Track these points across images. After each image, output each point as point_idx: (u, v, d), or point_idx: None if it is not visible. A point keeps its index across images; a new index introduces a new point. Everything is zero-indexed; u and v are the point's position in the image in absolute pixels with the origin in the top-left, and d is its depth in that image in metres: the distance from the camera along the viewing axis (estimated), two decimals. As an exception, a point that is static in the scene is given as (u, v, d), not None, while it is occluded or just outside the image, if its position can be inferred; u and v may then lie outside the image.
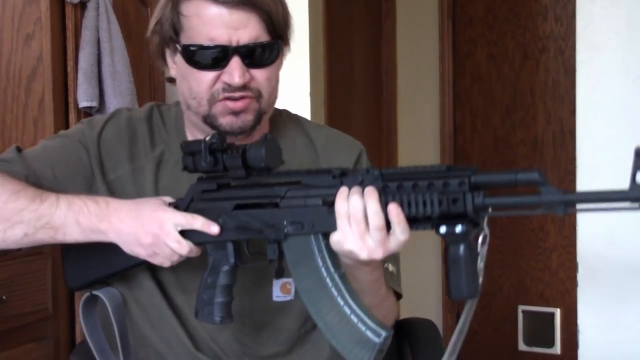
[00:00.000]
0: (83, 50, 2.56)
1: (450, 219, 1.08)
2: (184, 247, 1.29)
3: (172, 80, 1.48)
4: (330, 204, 1.17)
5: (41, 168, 1.41)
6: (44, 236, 1.33)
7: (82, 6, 2.57)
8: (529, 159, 4.00)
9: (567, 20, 3.84)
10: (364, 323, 1.18)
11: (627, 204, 0.96)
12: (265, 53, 1.38)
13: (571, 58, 3.79)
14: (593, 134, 2.29)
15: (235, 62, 1.36)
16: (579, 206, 1.02)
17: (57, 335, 2.42)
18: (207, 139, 1.27)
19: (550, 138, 3.95)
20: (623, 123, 2.26)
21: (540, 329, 3.96)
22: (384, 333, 1.17)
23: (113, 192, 1.43)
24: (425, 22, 4.18)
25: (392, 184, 1.11)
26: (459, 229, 1.07)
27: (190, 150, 1.29)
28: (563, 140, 3.91)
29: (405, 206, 1.10)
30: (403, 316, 1.83)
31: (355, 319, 1.18)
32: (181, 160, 1.30)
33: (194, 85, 1.39)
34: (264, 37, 1.38)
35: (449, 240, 1.09)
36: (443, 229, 1.08)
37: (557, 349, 3.92)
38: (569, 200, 1.00)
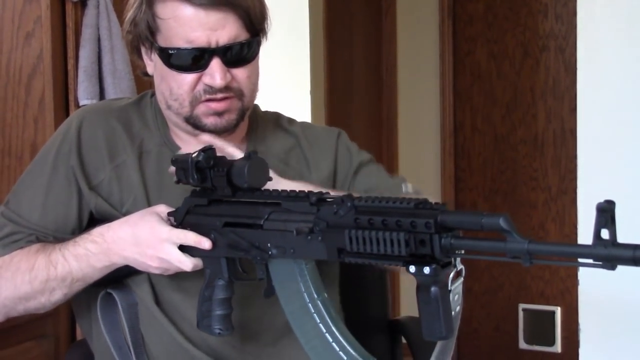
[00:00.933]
0: (83, 48, 2.55)
1: (419, 259, 1.05)
2: (188, 264, 1.31)
3: (148, 75, 1.48)
4: (305, 233, 1.16)
5: (40, 221, 1.44)
6: (78, 288, 1.41)
7: (83, 4, 2.57)
8: (530, 157, 4.00)
9: (568, 18, 3.84)
10: (346, 352, 1.17)
11: (590, 261, 0.94)
12: (244, 51, 1.38)
13: (572, 57, 3.79)
14: (594, 132, 2.29)
15: (215, 64, 1.35)
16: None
17: (57, 333, 2.41)
18: (194, 156, 1.27)
19: (551, 136, 3.95)
20: (624, 122, 2.26)
21: (541, 327, 3.96)
22: None
23: (100, 195, 1.44)
24: (425, 20, 4.18)
25: (363, 218, 1.09)
26: (427, 270, 1.04)
27: (179, 165, 1.31)
28: (563, 139, 3.90)
29: (374, 243, 1.08)
30: (402, 314, 1.83)
31: (337, 347, 1.18)
32: (169, 160, 1.33)
33: (174, 87, 1.39)
34: (243, 36, 1.37)
35: (419, 280, 1.05)
36: (412, 269, 1.05)
37: (558, 347, 3.92)
38: (533, 250, 0.96)
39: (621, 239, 0.91)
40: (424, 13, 4.18)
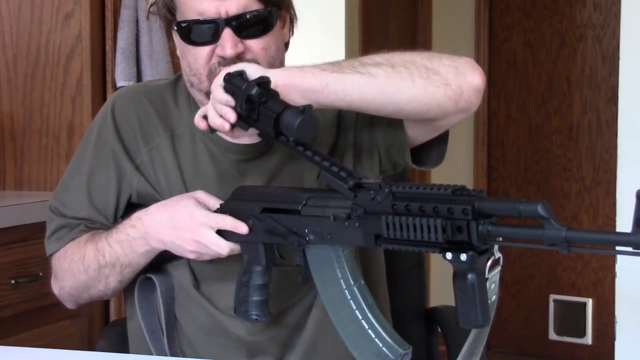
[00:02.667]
0: (122, 29, 2.55)
1: (456, 246, 1.04)
2: (224, 249, 1.30)
3: None
4: (343, 219, 1.15)
5: (85, 210, 1.46)
6: (129, 274, 1.42)
7: (122, -14, 2.57)
8: (564, 147, 3.97)
9: (607, 7, 3.79)
10: (381, 339, 1.16)
11: (629, 249, 0.92)
12: (258, 22, 1.36)
13: (609, 46, 3.75)
14: (635, 122, 2.26)
15: (226, 34, 1.33)
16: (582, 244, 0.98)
17: (91, 313, 2.43)
18: (246, 87, 1.23)
19: (586, 127, 3.91)
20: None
21: (572, 319, 3.94)
22: (400, 350, 1.15)
23: (143, 175, 1.45)
24: (461, 7, 4.16)
25: (400, 204, 1.08)
26: (464, 257, 1.03)
27: (231, 85, 1.26)
28: (599, 130, 3.87)
29: (411, 230, 1.07)
30: (433, 304, 1.82)
31: (372, 334, 1.17)
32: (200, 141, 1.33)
33: (191, 62, 1.38)
34: (254, 6, 1.35)
35: (456, 267, 1.04)
36: (449, 256, 1.04)
37: (589, 339, 3.89)
38: (571, 238, 0.95)
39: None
40: (459, 0, 4.15)
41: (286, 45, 1.46)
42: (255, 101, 1.22)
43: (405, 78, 1.28)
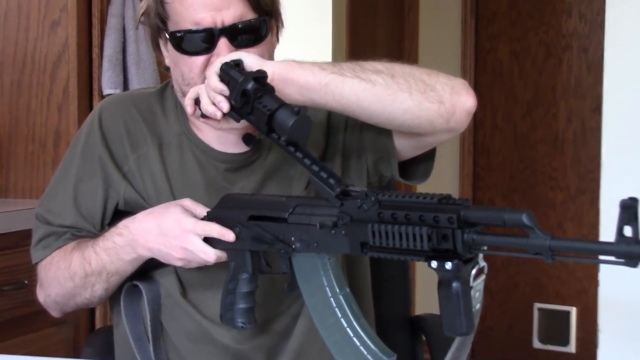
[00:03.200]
0: (108, 37, 2.55)
1: (441, 254, 1.04)
2: (211, 256, 1.31)
3: (168, 69, 1.47)
4: (329, 227, 1.16)
5: (72, 218, 1.46)
6: (115, 282, 1.42)
7: (108, -7, 2.57)
8: (549, 156, 3.99)
9: (592, 17, 3.82)
10: (366, 347, 1.17)
11: (612, 258, 0.92)
12: (252, 31, 1.37)
13: (594, 56, 3.77)
14: (619, 133, 2.27)
15: (222, 44, 1.34)
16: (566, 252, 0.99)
17: (76, 320, 2.43)
18: (242, 80, 1.23)
19: (571, 136, 3.93)
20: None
21: (556, 327, 3.95)
22: (385, 358, 1.16)
23: (130, 183, 1.45)
24: (447, 17, 4.17)
25: (386, 212, 1.09)
26: (449, 265, 1.03)
27: (226, 76, 1.26)
28: (584, 139, 3.89)
29: (397, 238, 1.07)
30: (418, 312, 1.82)
31: (357, 342, 1.17)
32: (189, 151, 1.33)
33: (185, 71, 1.38)
34: (249, 15, 1.35)
35: (441, 276, 1.05)
36: (434, 264, 1.04)
37: (573, 347, 3.91)
38: (555, 247, 0.95)
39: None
40: (446, 10, 4.17)
41: None
42: (251, 96, 1.22)
43: (403, 89, 1.29)
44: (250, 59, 1.28)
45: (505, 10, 4.07)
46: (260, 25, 1.37)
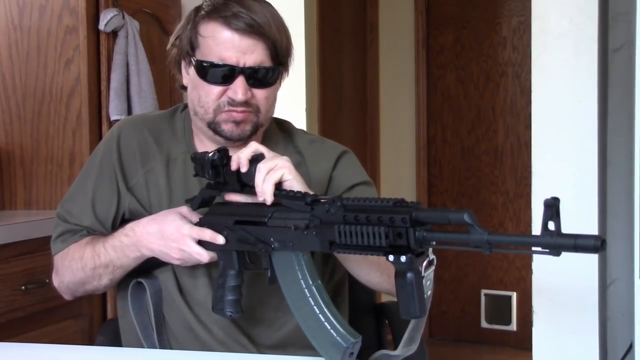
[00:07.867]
0: (114, 72, 2.55)
1: (397, 249, 1.04)
2: (205, 257, 1.31)
3: (184, 88, 1.47)
4: (302, 229, 1.16)
5: (89, 219, 1.46)
6: (119, 274, 1.42)
7: (114, 35, 2.57)
8: (491, 166, 4.00)
9: (523, 49, 3.85)
10: (336, 330, 1.16)
11: (539, 249, 0.92)
12: (266, 76, 1.37)
13: (526, 81, 3.79)
14: (546, 145, 2.29)
15: (240, 81, 1.34)
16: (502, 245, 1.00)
17: (91, 313, 2.41)
18: (210, 155, 1.26)
19: (509, 149, 3.95)
20: (571, 136, 2.26)
21: (499, 310, 3.96)
22: (352, 339, 1.15)
23: (134, 196, 1.44)
24: (403, 49, 4.18)
25: (350, 215, 1.09)
26: (403, 259, 1.03)
27: (197, 162, 1.30)
28: (519, 151, 3.91)
29: (359, 236, 1.07)
30: (383, 300, 1.81)
31: (328, 326, 1.17)
32: (193, 167, 1.32)
33: (202, 95, 1.38)
34: (267, 62, 1.36)
35: (397, 267, 1.04)
36: (391, 258, 1.04)
37: (514, 326, 3.92)
38: (492, 241, 0.95)
39: (565, 230, 0.90)
40: (402, 44, 4.19)
41: None
42: (218, 164, 1.26)
43: (382, 273, 1.38)
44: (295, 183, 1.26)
45: (451, 44, 4.10)
46: (273, 72, 1.38)
